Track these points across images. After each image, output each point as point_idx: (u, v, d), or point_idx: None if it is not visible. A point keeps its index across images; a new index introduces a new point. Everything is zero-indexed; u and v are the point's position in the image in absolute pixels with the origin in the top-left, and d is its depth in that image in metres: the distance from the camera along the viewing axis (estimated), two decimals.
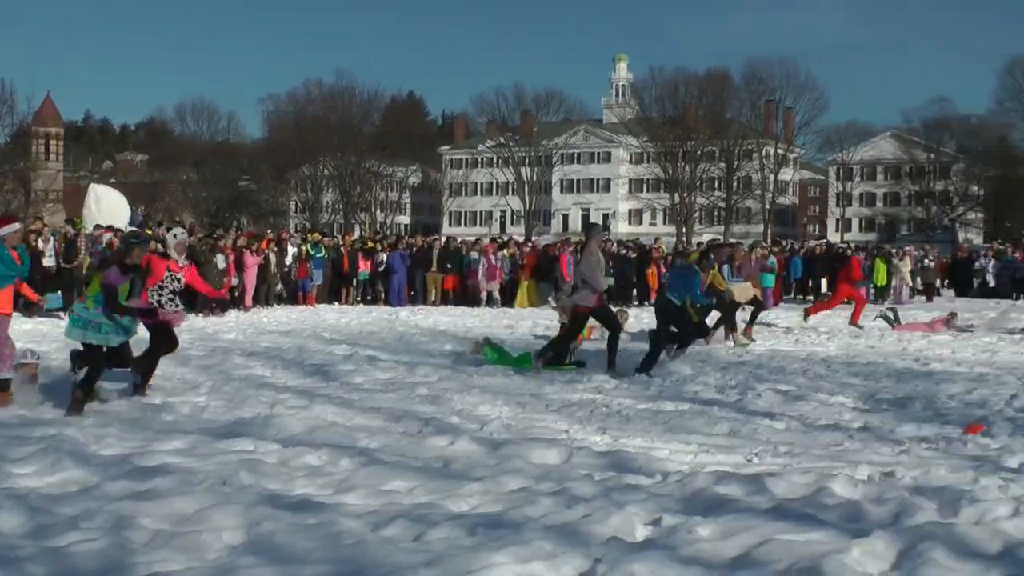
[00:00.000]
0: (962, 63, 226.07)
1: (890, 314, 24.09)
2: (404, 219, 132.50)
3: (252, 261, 28.47)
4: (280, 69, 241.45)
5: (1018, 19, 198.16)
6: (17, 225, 12.39)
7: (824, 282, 37.06)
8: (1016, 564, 5.91)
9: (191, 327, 21.38)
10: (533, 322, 25.66)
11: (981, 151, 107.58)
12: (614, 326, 16.37)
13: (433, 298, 33.15)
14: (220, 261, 26.70)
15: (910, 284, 36.59)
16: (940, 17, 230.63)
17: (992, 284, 38.25)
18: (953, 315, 23.69)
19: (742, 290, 19.89)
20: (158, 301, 12.42)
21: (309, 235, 34.73)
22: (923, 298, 36.77)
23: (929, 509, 7.11)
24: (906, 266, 36.27)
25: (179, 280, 12.78)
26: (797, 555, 5.97)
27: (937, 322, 23.19)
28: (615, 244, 37.54)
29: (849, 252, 36.16)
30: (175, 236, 13.20)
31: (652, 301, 33.55)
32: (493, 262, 33.10)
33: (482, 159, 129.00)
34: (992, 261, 39.26)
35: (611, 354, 15.86)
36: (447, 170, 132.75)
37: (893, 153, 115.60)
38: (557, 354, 16.09)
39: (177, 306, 12.88)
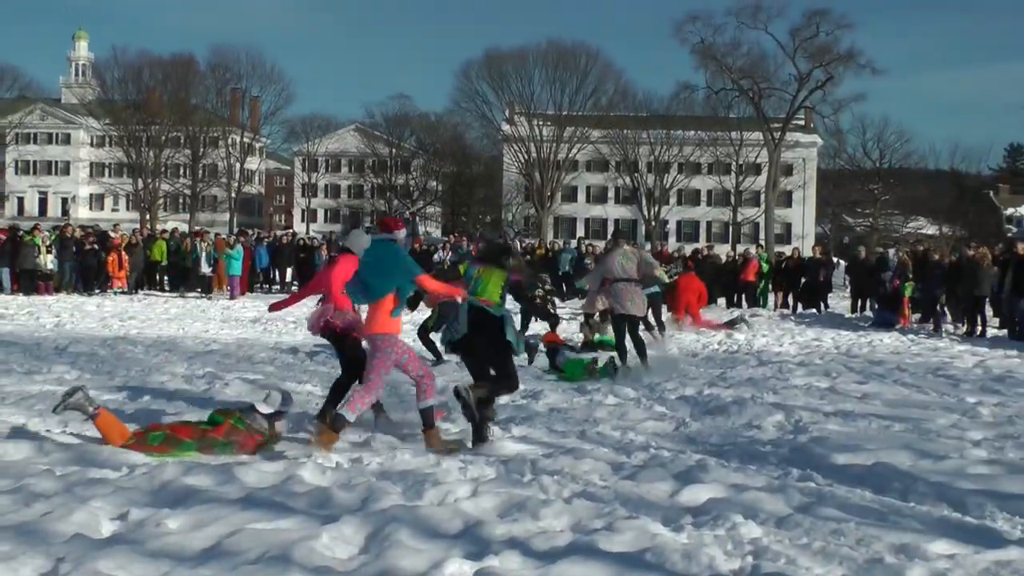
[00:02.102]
0: (421, 62, 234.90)
1: None
2: None
3: None
4: None
5: (474, 22, 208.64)
6: None
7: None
8: (475, 541, 6.28)
9: None
10: None
11: (439, 148, 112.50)
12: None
13: None
14: None
15: None
16: (400, 16, 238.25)
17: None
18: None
19: None
20: None
21: None
22: None
23: (395, 492, 7.41)
24: None
25: None
26: (268, 543, 6.03)
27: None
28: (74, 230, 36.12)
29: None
30: None
31: None
32: None
33: None
34: (449, 253, 41.20)
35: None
36: None
37: (357, 146, 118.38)
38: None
39: None
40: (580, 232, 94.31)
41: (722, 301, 32.70)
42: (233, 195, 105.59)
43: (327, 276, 10.92)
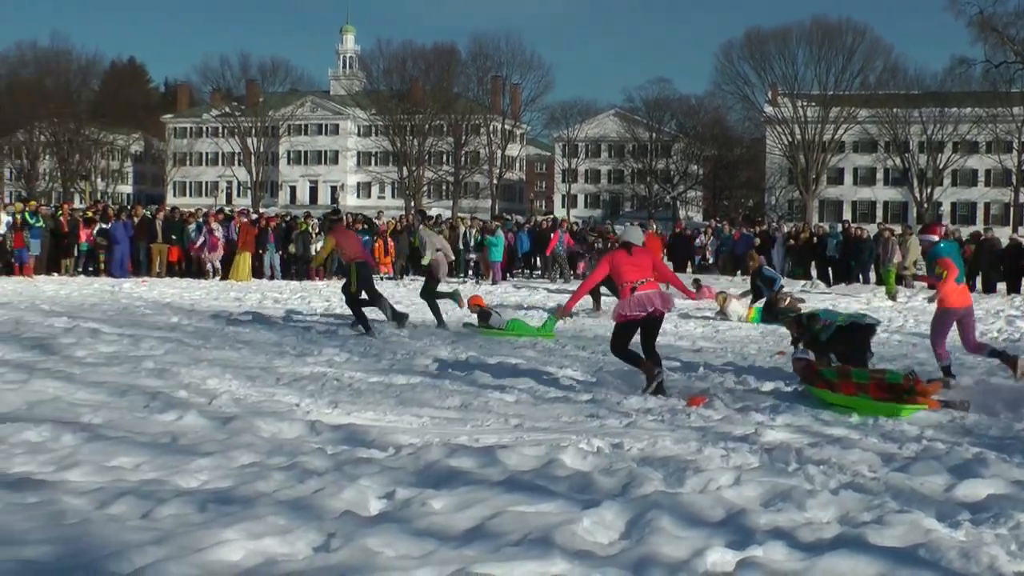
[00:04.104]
0: (681, 45, 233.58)
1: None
2: (126, 188, 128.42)
3: None
4: None
5: (734, 4, 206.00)
6: None
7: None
8: (738, 530, 6.14)
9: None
10: (262, 294, 25.30)
11: (700, 132, 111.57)
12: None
13: (157, 270, 32.28)
14: None
15: None
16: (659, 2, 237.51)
17: (711, 260, 39.63)
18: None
19: None
20: None
21: (26, 203, 33.19)
22: None
23: (656, 479, 7.33)
24: None
25: None
26: (530, 526, 6.04)
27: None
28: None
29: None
30: None
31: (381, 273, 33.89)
32: (215, 233, 32.46)
33: (207, 128, 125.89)
34: (711, 239, 40.69)
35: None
36: (171, 139, 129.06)
37: (617, 131, 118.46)
38: None
39: None
40: (847, 215, 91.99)
41: (1002, 287, 31.31)
42: (495, 181, 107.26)
43: (646, 265, 11.83)
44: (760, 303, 21.53)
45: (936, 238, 13.25)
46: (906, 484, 7.40)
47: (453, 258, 23.99)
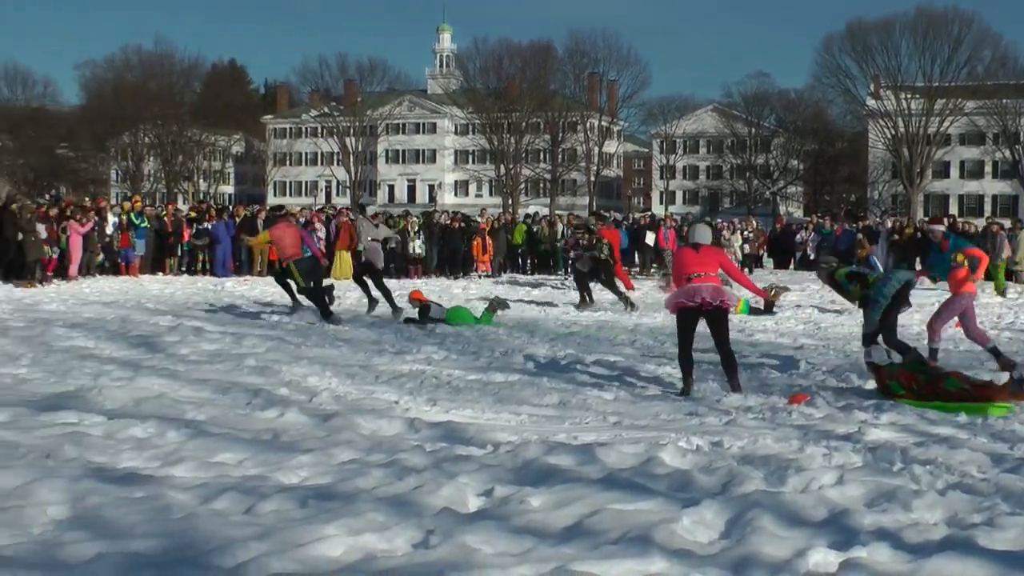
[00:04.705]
0: (780, 39, 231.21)
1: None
2: (228, 189, 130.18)
3: (80, 230, 27.64)
4: (97, 34, 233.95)
5: None
6: None
7: None
8: (840, 530, 6.05)
9: (9, 297, 20.71)
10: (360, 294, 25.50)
11: (800, 126, 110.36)
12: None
13: (259, 268, 32.66)
14: (43, 230, 26.00)
15: (739, 257, 36.77)
16: None
17: (812, 256, 39.08)
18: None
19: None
20: None
21: (132, 202, 33.72)
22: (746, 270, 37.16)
23: (757, 478, 7.25)
24: (736, 240, 36.66)
25: None
26: (628, 524, 6.01)
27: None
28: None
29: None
30: None
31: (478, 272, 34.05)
32: (318, 233, 32.76)
33: (306, 129, 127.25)
34: (812, 234, 40.17)
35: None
36: (271, 139, 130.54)
37: (715, 127, 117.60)
38: None
39: None
40: (953, 210, 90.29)
41: None
42: (592, 179, 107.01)
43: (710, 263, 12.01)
44: (749, 297, 21.25)
45: None
46: (1018, 486, 7.20)
47: (393, 245, 26.37)
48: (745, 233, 39.85)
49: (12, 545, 5.58)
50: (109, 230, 29.89)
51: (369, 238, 20.56)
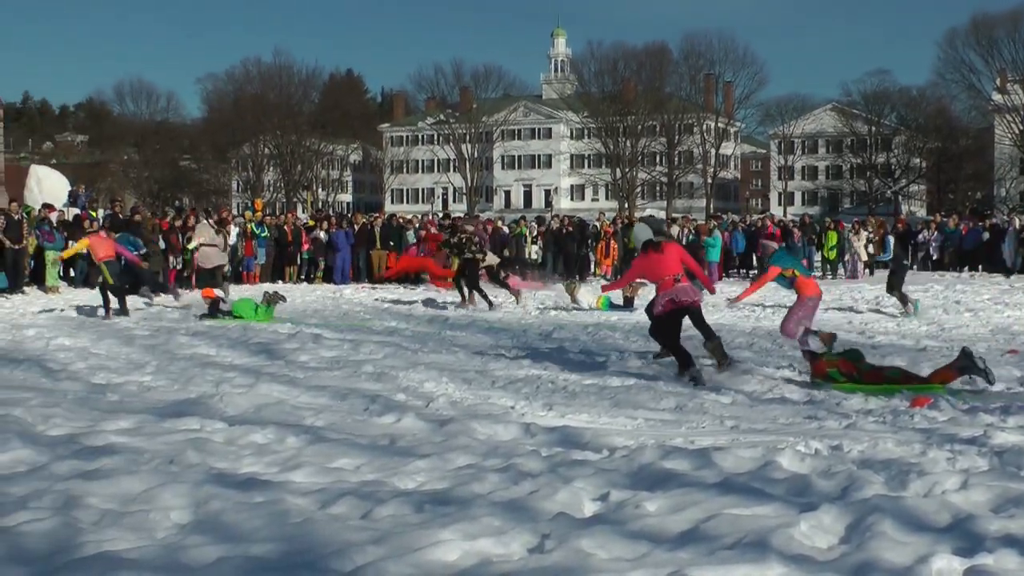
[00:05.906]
0: (900, 35, 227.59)
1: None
2: (346, 197, 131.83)
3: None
4: (218, 48, 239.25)
5: None
6: None
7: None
8: (965, 537, 5.89)
9: (134, 307, 21.18)
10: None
11: (922, 123, 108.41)
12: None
13: (377, 274, 32.99)
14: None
15: (864, 258, 35.69)
16: None
17: (935, 257, 38.24)
18: None
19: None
20: None
21: (254, 210, 34.31)
22: (868, 272, 36.13)
23: (877, 482, 7.10)
24: (860, 240, 35.83)
25: None
26: (745, 529, 5.94)
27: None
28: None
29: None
30: None
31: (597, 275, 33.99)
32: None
33: (423, 136, 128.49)
34: (935, 234, 39.21)
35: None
36: (388, 147, 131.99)
37: (834, 126, 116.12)
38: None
39: None
40: None
41: None
42: (709, 181, 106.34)
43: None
44: (610, 292, 21.37)
45: None
46: None
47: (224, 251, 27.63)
48: (868, 234, 38.87)
49: (137, 548, 5.70)
50: (233, 240, 30.47)
51: (202, 243, 22.91)
